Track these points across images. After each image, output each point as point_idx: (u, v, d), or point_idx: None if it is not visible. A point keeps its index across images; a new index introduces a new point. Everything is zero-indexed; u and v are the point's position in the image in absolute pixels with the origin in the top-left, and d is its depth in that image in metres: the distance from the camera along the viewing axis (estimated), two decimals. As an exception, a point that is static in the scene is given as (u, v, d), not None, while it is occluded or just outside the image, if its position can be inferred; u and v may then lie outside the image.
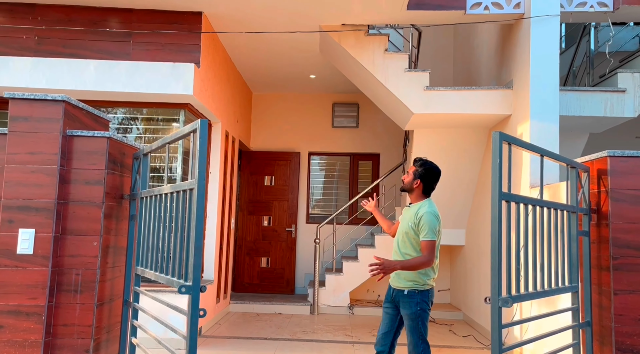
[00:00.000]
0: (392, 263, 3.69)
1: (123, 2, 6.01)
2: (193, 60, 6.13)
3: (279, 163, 9.95)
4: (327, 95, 10.17)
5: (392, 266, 3.68)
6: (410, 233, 3.86)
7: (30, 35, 5.99)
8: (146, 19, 6.14)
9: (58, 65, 5.86)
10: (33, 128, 3.42)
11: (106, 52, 6.04)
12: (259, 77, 9.15)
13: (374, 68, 6.72)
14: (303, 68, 8.62)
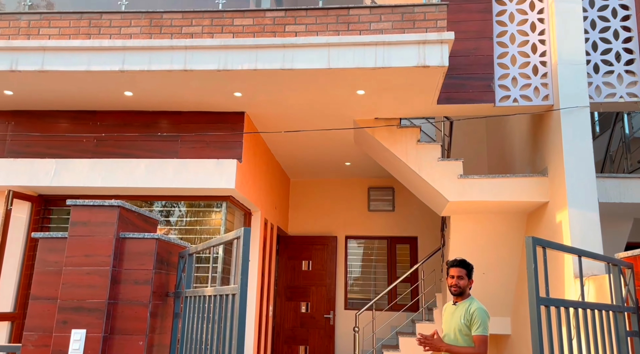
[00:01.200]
0: (442, 343, 3.92)
1: (173, 106, 6.57)
2: (235, 156, 6.52)
3: (316, 247, 10.04)
4: (362, 179, 10.41)
5: (441, 345, 3.91)
6: (463, 330, 4.02)
7: (90, 138, 6.58)
8: (193, 120, 6.66)
9: (113, 166, 6.35)
10: (90, 232, 3.70)
11: (156, 151, 6.53)
12: (296, 165, 9.53)
13: (407, 158, 6.93)
14: (338, 156, 8.95)
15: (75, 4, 6.47)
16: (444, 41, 5.49)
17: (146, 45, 5.63)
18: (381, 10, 5.75)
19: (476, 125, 9.97)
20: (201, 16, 5.83)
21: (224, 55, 5.66)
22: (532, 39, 6.41)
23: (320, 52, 5.62)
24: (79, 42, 5.59)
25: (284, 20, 5.79)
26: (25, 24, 5.70)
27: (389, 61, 5.54)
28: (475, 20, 6.44)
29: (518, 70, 6.33)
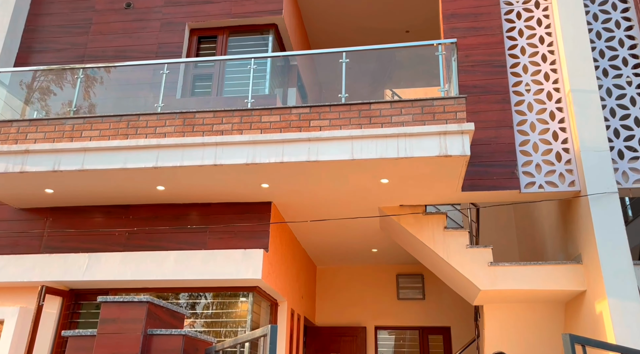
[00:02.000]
0: None
1: (202, 198, 6.78)
2: (262, 245, 6.57)
3: (345, 339, 9.68)
4: (390, 266, 10.23)
5: None
6: None
7: (122, 232, 6.79)
8: (221, 211, 6.82)
9: (143, 258, 6.47)
10: (119, 330, 3.71)
11: (185, 242, 6.65)
12: (323, 251, 9.49)
13: (434, 245, 6.85)
14: (365, 242, 8.91)
15: (116, 106, 6.98)
16: (465, 132, 5.64)
17: (179, 142, 5.96)
18: (401, 104, 6.01)
19: (504, 210, 9.88)
20: (231, 114, 6.18)
21: (252, 150, 5.92)
22: (553, 126, 6.52)
23: (343, 145, 5.83)
24: (117, 142, 5.96)
25: (309, 116, 6.08)
26: (70, 127, 6.15)
27: (411, 151, 5.68)
28: (495, 110, 6.63)
29: (541, 157, 6.38)
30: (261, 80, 7.42)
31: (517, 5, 7.18)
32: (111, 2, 8.14)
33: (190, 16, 7.86)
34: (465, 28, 7.10)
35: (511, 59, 6.92)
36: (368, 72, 7.90)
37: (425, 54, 6.97)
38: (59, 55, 7.88)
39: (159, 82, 6.67)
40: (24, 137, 6.20)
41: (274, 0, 7.80)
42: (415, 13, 9.41)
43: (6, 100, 6.99)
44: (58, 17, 8.18)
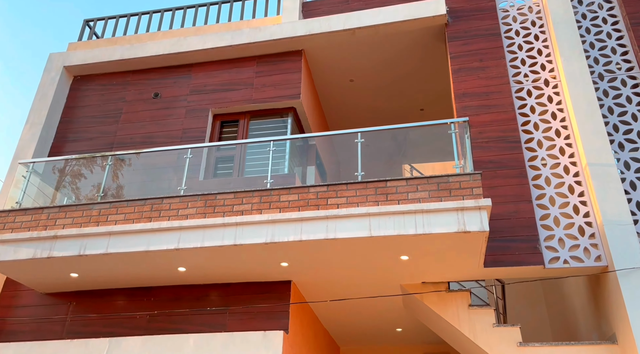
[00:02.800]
0: None
1: (222, 278, 6.80)
2: (282, 326, 6.46)
3: None
4: (416, 346, 9.82)
5: None
6: None
7: (143, 315, 6.80)
8: (241, 291, 6.81)
9: (163, 342, 6.40)
10: None
11: (206, 324, 6.60)
12: (346, 331, 9.22)
13: (459, 324, 6.62)
14: (388, 321, 8.64)
15: (142, 189, 7.26)
16: (482, 207, 5.64)
17: (200, 224, 6.10)
18: (417, 181, 6.09)
19: (531, 286, 9.54)
20: (251, 195, 6.35)
21: (271, 229, 6.00)
22: (573, 200, 6.47)
23: (361, 222, 5.87)
24: (141, 226, 6.15)
25: (326, 194, 6.19)
26: (97, 212, 6.39)
27: (429, 228, 5.67)
28: (512, 185, 6.65)
29: (563, 231, 6.27)
30: (281, 159, 7.67)
31: (526, 83, 7.41)
32: (140, 92, 8.72)
33: (214, 103, 8.32)
34: (477, 106, 7.31)
35: (525, 135, 7.03)
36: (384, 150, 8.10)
37: (439, 131, 7.15)
38: (91, 143, 8.36)
39: (183, 165, 6.96)
40: (53, 223, 6.45)
41: (292, 86, 8.24)
42: (429, 92, 9.77)
43: (40, 187, 7.35)
44: (91, 108, 8.77)
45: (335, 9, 8.95)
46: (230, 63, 8.66)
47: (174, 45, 8.68)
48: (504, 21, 8.00)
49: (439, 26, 8.14)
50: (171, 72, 8.80)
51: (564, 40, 7.36)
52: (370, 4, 8.80)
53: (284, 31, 8.39)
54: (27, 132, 8.41)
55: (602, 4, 7.83)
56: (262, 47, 8.48)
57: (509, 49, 7.73)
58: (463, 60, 7.73)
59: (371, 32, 8.24)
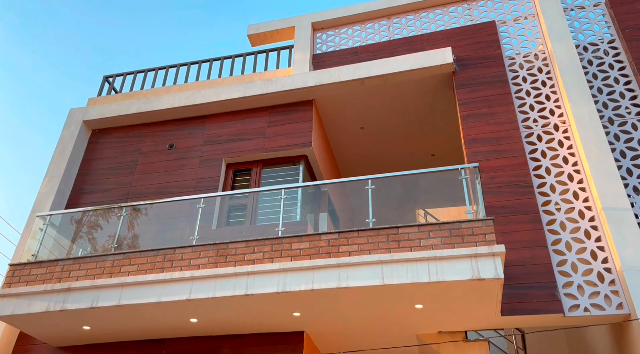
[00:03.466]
0: None
1: (234, 329, 6.71)
2: (296, 380, 6.29)
3: None
4: (436, 399, 9.41)
5: None
6: None
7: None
8: (254, 343, 6.69)
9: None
10: None
11: (216, 378, 6.45)
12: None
13: (480, 377, 6.38)
14: (407, 373, 8.35)
15: (155, 239, 7.31)
16: (496, 254, 5.56)
17: (212, 274, 6.09)
18: (429, 228, 6.04)
19: (553, 336, 9.19)
20: (262, 243, 6.35)
21: (283, 278, 5.96)
22: (590, 246, 6.33)
23: (373, 270, 5.81)
24: (153, 277, 6.16)
25: (337, 242, 6.17)
26: (110, 263, 6.44)
27: (443, 275, 5.59)
28: (526, 231, 6.55)
29: (582, 278, 6.11)
30: (293, 207, 7.71)
31: (536, 128, 7.44)
32: (156, 144, 8.95)
33: (227, 152, 8.49)
34: (487, 151, 7.34)
35: (537, 179, 6.99)
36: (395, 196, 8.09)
37: (450, 177, 7.16)
38: (106, 194, 8.52)
39: (196, 215, 7.03)
40: (67, 275, 6.50)
41: (303, 135, 8.39)
42: (439, 137, 9.85)
43: (56, 239, 7.46)
44: (108, 160, 9.00)
45: (344, 60, 9.22)
46: (243, 113, 8.89)
47: (189, 97, 8.97)
48: (510, 68, 8.14)
49: (447, 74, 8.31)
50: (186, 123, 9.05)
51: (572, 85, 7.44)
52: (379, 55, 9.05)
53: (295, 82, 8.64)
54: (45, 185, 8.63)
55: (608, 50, 7.94)
56: (274, 98, 8.72)
57: (516, 95, 7.83)
58: (472, 107, 7.83)
59: (380, 81, 8.44)
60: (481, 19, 8.98)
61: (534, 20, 8.62)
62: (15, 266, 6.82)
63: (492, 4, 9.12)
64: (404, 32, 9.37)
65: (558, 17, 8.20)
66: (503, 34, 8.63)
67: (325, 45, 9.74)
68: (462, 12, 9.21)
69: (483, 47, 8.44)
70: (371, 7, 9.62)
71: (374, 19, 9.69)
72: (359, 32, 9.66)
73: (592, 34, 8.20)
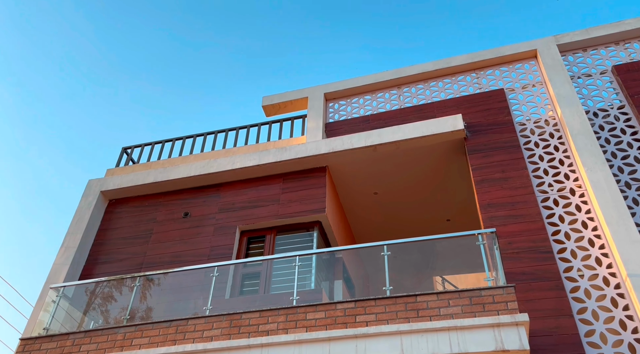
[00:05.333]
0: None
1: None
2: None
3: None
4: None
5: None
6: None
7: None
8: None
9: None
10: None
11: None
12: None
13: None
14: None
15: (168, 310, 7.17)
16: (520, 323, 5.34)
17: (225, 346, 5.91)
18: (449, 296, 5.87)
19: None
20: (277, 313, 6.19)
21: (298, 350, 5.76)
22: (618, 314, 6.05)
23: (392, 341, 5.60)
24: (165, 349, 5.98)
25: (354, 311, 5.99)
26: (122, 336, 6.29)
27: (465, 346, 5.36)
28: (550, 298, 6.32)
29: (612, 350, 5.80)
30: (307, 274, 7.58)
31: (552, 193, 7.38)
32: (171, 212, 9.03)
33: (241, 220, 8.50)
34: (503, 216, 7.26)
35: (557, 245, 6.84)
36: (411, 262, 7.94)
37: (467, 242, 7.04)
38: (121, 264, 8.49)
39: (210, 284, 6.93)
40: (77, 350, 6.34)
41: (317, 201, 8.41)
42: (454, 202, 9.80)
43: (68, 311, 7.36)
44: (124, 230, 9.06)
45: (356, 128, 9.42)
46: (258, 181, 9.00)
47: (205, 166, 9.15)
48: (522, 134, 8.23)
49: (458, 140, 8.42)
50: (201, 192, 9.16)
51: (585, 150, 7.45)
52: (390, 123, 9.25)
53: (308, 150, 8.80)
54: (61, 255, 8.64)
55: (618, 116, 8.02)
56: (287, 165, 8.85)
57: (529, 159, 7.85)
58: (485, 172, 7.85)
59: (392, 147, 8.56)
60: (490, 87, 9.22)
61: (542, 87, 8.82)
62: (26, 340, 6.69)
63: (499, 73, 9.39)
64: (414, 100, 9.62)
65: (566, 84, 8.39)
66: (512, 100, 8.81)
67: (337, 114, 10.01)
68: (470, 81, 9.47)
69: (493, 113, 8.60)
70: (381, 78, 9.95)
71: (385, 89, 10.00)
72: (370, 101, 9.94)
73: (601, 100, 8.33)
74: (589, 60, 8.95)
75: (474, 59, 9.51)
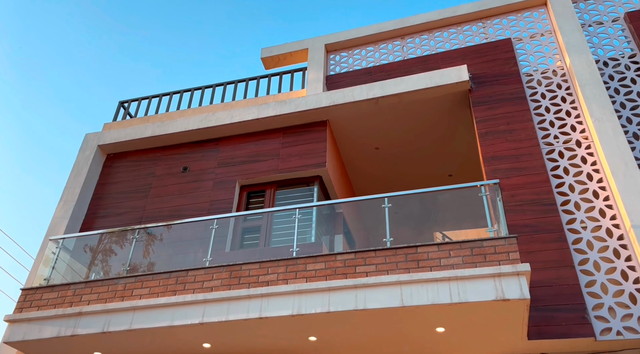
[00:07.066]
0: None
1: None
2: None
3: None
4: None
5: None
6: None
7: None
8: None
9: None
10: None
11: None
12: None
13: (507, 406, 6.01)
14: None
15: (168, 263, 7.16)
16: (521, 273, 5.30)
17: (225, 296, 5.92)
18: (449, 247, 5.82)
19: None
20: (276, 264, 6.17)
21: (298, 300, 5.76)
22: (619, 265, 6.02)
23: (392, 291, 5.58)
24: (165, 300, 6.00)
25: (354, 262, 5.96)
26: (122, 286, 6.30)
27: (465, 296, 5.34)
28: (551, 250, 6.27)
29: (613, 300, 5.79)
30: (307, 228, 7.53)
31: (557, 145, 7.22)
32: (170, 167, 8.92)
33: (241, 174, 8.40)
34: (507, 169, 7.13)
35: (561, 197, 6.74)
36: (412, 216, 7.88)
37: (470, 194, 6.95)
38: (120, 218, 8.46)
39: (209, 237, 6.90)
40: (79, 299, 6.37)
41: (317, 155, 8.28)
42: (456, 158, 9.66)
43: (69, 263, 7.37)
44: (122, 184, 8.98)
45: (358, 81, 9.17)
46: (257, 135, 8.85)
47: (203, 120, 8.97)
48: (528, 85, 7.99)
49: (463, 92, 8.19)
50: (200, 146, 9.03)
51: (593, 101, 7.24)
52: (393, 75, 8.99)
53: (308, 103, 8.59)
54: (60, 209, 8.61)
55: (629, 65, 7.76)
56: (287, 119, 8.67)
57: (535, 111, 7.65)
58: (489, 124, 7.66)
59: (395, 100, 8.35)
60: (496, 36, 8.90)
61: (551, 36, 8.51)
62: (27, 290, 6.73)
63: (507, 21, 9.04)
64: (418, 51, 9.32)
65: (576, 32, 8.08)
66: (519, 51, 8.51)
67: (338, 66, 9.73)
68: (476, 31, 9.14)
69: (499, 64, 8.32)
70: (384, 28, 9.61)
71: (388, 40, 9.67)
72: (372, 52, 9.64)
73: (612, 48, 8.03)
74: (601, 7, 8.59)
75: (481, 8, 9.15)
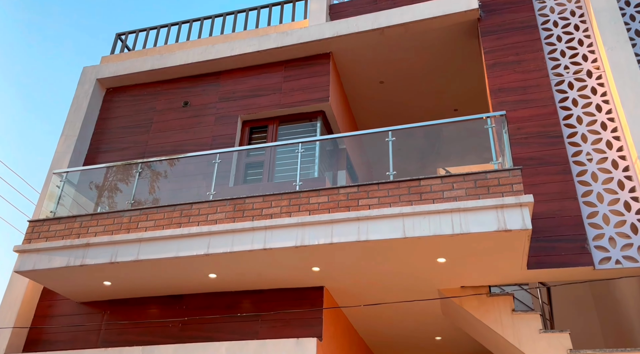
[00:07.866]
0: None
1: (254, 284, 6.67)
2: (315, 334, 6.25)
3: None
4: (458, 356, 9.39)
5: None
6: None
7: (175, 323, 6.74)
8: (273, 298, 6.65)
9: (194, 351, 6.25)
10: None
11: (237, 332, 6.47)
12: (382, 340, 8.90)
13: (502, 330, 6.23)
14: (427, 330, 8.29)
15: (173, 198, 7.22)
16: (524, 204, 5.31)
17: (229, 228, 6.00)
18: (453, 179, 5.80)
19: (578, 290, 8.98)
20: (280, 198, 6.21)
21: (301, 232, 5.84)
22: (623, 196, 6.02)
23: (394, 223, 5.63)
24: (170, 231, 6.10)
25: (357, 195, 5.98)
26: (127, 219, 6.39)
27: (467, 227, 5.39)
28: (555, 182, 6.26)
29: (614, 230, 5.84)
30: (310, 164, 7.52)
31: (567, 76, 7.01)
32: (170, 101, 8.78)
33: (243, 109, 8.28)
34: (514, 101, 6.97)
35: (567, 129, 6.63)
36: (416, 149, 7.83)
37: (475, 128, 6.85)
38: (122, 153, 8.44)
39: (212, 172, 6.90)
40: (85, 231, 6.49)
41: (320, 89, 8.11)
42: (462, 91, 9.45)
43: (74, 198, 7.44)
44: (123, 119, 8.89)
45: (362, 10, 8.80)
46: (259, 69, 8.63)
47: (203, 53, 8.72)
48: (540, 12, 7.64)
49: (471, 21, 7.86)
50: (200, 80, 8.83)
51: (607, 28, 6.94)
52: (399, 3, 8.61)
53: (311, 34, 8.30)
54: (62, 144, 8.58)
55: (647, -11, 7.38)
56: (289, 51, 8.41)
57: (546, 40, 7.36)
58: (498, 55, 7.41)
59: (401, 30, 8.04)
60: (508, -40, 8.41)
61: (566, -41, 8.03)
62: (34, 222, 6.85)
63: (520, -56, 8.51)
64: (425, -22, 8.86)
65: (593, -46, 7.61)
66: (532, -24, 8.07)
67: (342, -5, 9.31)
68: (487, -46, 8.63)
69: (510, -10, 7.93)
70: (390, -48, 9.09)
71: (394, -35, 9.18)
72: (377, -21, 9.17)
73: (630, -28, 7.60)
74: None
75: None
